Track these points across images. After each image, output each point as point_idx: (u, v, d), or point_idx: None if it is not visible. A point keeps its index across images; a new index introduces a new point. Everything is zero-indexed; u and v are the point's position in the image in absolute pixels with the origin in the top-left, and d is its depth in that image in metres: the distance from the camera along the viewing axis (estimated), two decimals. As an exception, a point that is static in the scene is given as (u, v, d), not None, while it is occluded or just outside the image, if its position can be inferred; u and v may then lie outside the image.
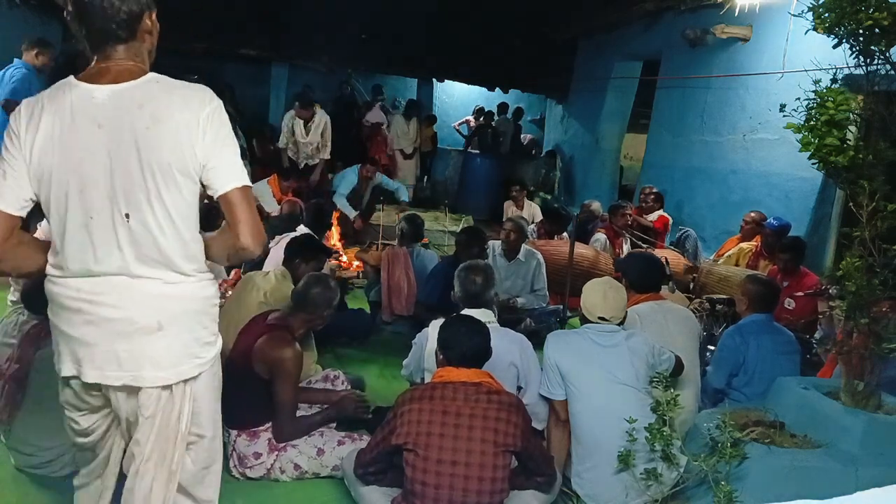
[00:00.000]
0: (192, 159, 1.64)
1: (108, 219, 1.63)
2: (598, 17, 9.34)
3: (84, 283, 1.66)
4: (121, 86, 1.63)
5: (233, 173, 1.68)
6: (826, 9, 2.68)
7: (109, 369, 1.67)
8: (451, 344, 2.59)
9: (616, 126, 9.86)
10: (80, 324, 1.67)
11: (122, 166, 1.61)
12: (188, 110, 1.64)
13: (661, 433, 2.55)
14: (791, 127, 2.88)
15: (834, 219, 5.75)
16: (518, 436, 2.39)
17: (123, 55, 1.67)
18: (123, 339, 1.66)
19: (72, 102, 1.63)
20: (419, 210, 8.23)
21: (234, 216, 1.68)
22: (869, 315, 2.67)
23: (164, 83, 1.67)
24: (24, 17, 6.98)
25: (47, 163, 1.63)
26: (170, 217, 1.65)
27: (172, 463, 1.75)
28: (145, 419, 1.71)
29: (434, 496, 2.33)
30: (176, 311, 1.70)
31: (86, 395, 1.75)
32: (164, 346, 1.68)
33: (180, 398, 1.73)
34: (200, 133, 1.64)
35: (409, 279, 4.79)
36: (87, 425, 1.81)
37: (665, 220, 6.91)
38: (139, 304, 1.67)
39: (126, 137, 1.61)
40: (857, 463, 2.56)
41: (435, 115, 12.18)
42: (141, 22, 1.69)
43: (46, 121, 1.63)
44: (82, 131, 1.62)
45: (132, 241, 1.64)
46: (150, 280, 1.67)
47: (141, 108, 1.62)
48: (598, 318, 2.95)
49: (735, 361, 3.47)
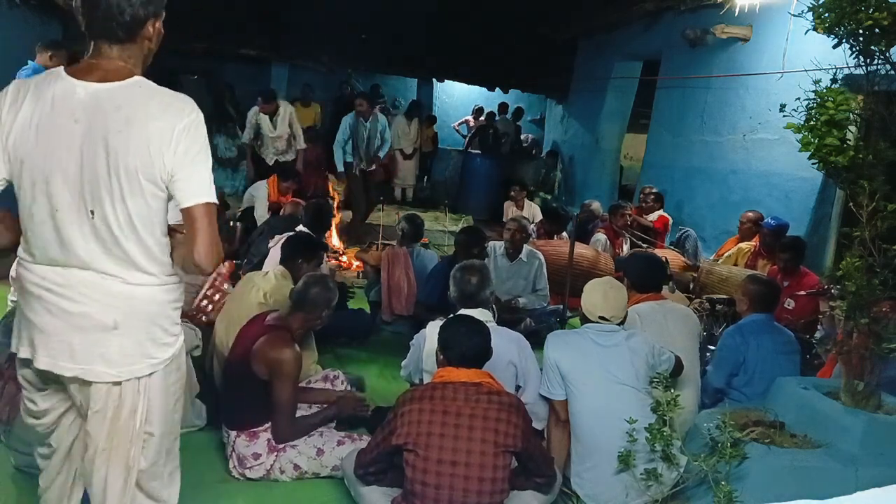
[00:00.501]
0: (160, 168, 1.64)
1: (74, 213, 1.64)
2: (598, 17, 9.34)
3: (49, 271, 1.68)
4: (104, 85, 1.64)
5: (200, 188, 1.67)
6: (826, 9, 2.68)
7: (62, 359, 1.69)
8: (451, 344, 2.59)
9: (616, 126, 9.85)
10: (40, 311, 1.69)
11: (91, 164, 1.62)
12: (163, 119, 1.63)
13: (661, 433, 2.55)
14: (791, 127, 2.88)
15: (834, 219, 5.75)
16: (518, 436, 2.38)
17: (116, 55, 1.68)
18: (79, 332, 1.68)
19: (54, 94, 1.64)
20: (419, 210, 8.25)
21: (193, 231, 1.67)
22: (869, 315, 2.66)
23: (146, 88, 1.67)
24: (24, 17, 6.97)
25: (22, 149, 1.65)
26: (130, 220, 1.65)
27: (129, 458, 1.76)
28: (94, 413, 1.73)
29: (434, 496, 2.33)
30: (134, 311, 1.71)
31: (42, 378, 1.78)
32: (117, 344, 1.69)
33: (132, 395, 1.73)
34: (173, 143, 1.63)
35: (409, 279, 4.79)
36: (44, 406, 1.83)
37: (665, 220, 6.91)
38: (99, 302, 1.68)
39: (98, 137, 1.61)
40: (857, 463, 2.56)
41: (435, 115, 12.18)
42: (143, 27, 1.69)
43: (27, 107, 1.64)
44: (59, 124, 1.63)
45: (97, 237, 1.65)
46: (113, 278, 1.68)
47: (118, 111, 1.62)
48: (599, 317, 2.95)
49: (735, 361, 3.47)
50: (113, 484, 1.76)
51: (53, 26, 7.65)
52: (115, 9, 1.62)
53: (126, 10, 1.63)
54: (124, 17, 1.63)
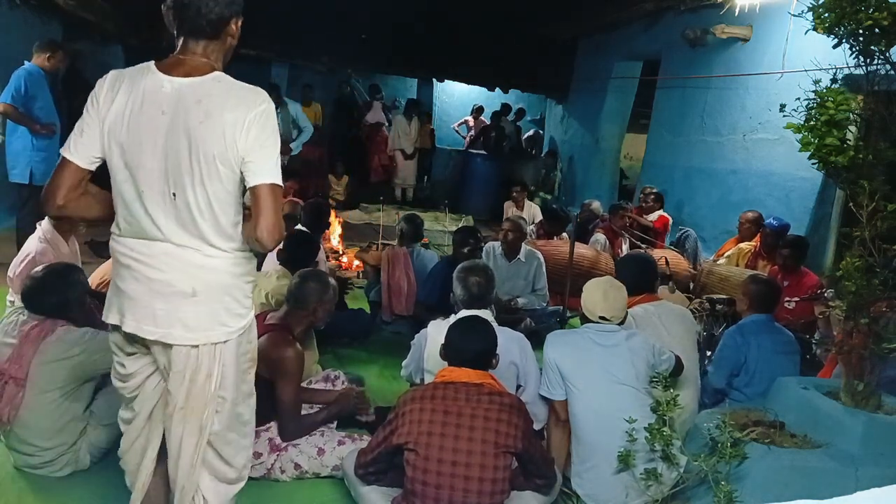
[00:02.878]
0: (234, 153, 1.81)
1: (158, 194, 1.83)
2: (598, 17, 9.34)
3: (136, 243, 1.88)
4: (188, 80, 1.82)
5: (266, 170, 1.84)
6: (826, 9, 2.68)
7: (146, 323, 1.87)
8: (454, 344, 2.59)
9: (616, 126, 9.85)
10: (129, 279, 1.88)
11: (174, 152, 1.80)
12: (237, 110, 1.81)
13: (661, 433, 2.55)
14: (791, 127, 2.88)
15: (834, 219, 5.75)
16: (519, 437, 2.39)
17: (201, 51, 1.86)
18: (161, 298, 1.86)
19: (145, 87, 1.82)
20: (419, 210, 8.25)
21: (257, 209, 1.83)
22: (869, 315, 2.67)
23: (224, 82, 1.85)
24: (23, 17, 6.97)
25: (115, 135, 1.82)
26: (209, 202, 1.83)
27: (203, 419, 1.93)
28: (175, 373, 1.90)
29: (434, 496, 2.33)
30: (210, 280, 1.88)
31: (130, 342, 1.95)
32: (195, 310, 1.87)
33: (208, 359, 1.90)
34: (245, 130, 1.80)
35: (409, 279, 4.79)
36: (132, 369, 1.99)
37: (665, 220, 6.92)
38: (179, 271, 1.86)
39: (182, 128, 1.79)
40: (857, 463, 2.56)
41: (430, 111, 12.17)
42: (227, 25, 1.88)
43: (121, 98, 1.82)
44: (148, 115, 1.81)
45: (177, 216, 1.83)
46: (190, 250, 1.86)
47: (198, 104, 1.80)
48: (599, 317, 2.95)
49: (736, 361, 3.47)
50: (187, 441, 1.93)
51: (53, 26, 7.65)
52: (205, 8, 1.80)
53: (214, 10, 1.81)
54: (212, 15, 1.82)
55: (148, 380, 2.01)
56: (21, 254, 3.69)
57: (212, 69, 1.85)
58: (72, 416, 2.74)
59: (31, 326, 2.72)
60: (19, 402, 2.67)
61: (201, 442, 1.95)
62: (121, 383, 2.03)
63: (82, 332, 2.76)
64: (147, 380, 2.01)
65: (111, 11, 8.28)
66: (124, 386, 2.02)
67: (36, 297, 2.80)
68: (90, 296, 3.13)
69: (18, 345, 2.69)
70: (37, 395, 2.66)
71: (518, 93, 12.84)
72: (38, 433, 2.69)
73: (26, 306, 2.82)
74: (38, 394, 2.66)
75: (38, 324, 2.73)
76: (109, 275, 3.54)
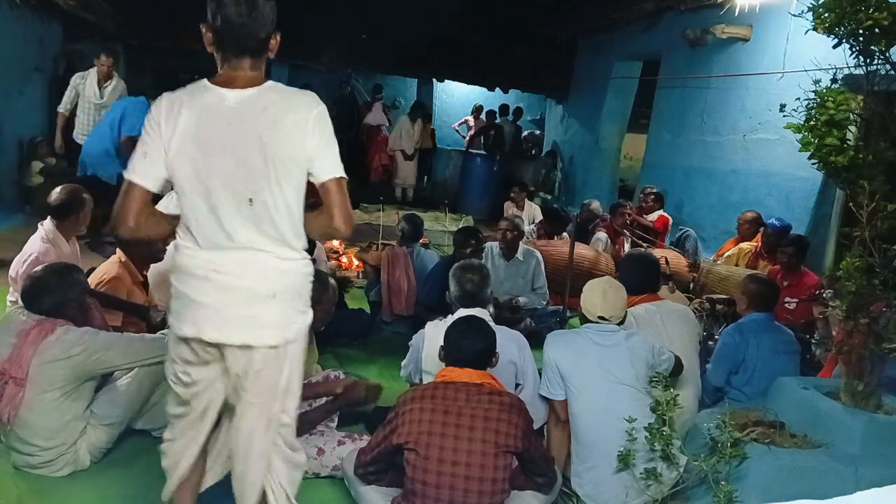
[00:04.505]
0: (301, 152, 1.93)
1: (234, 203, 1.91)
2: (598, 17, 9.33)
3: (215, 255, 1.94)
4: (247, 91, 1.93)
5: (333, 165, 1.98)
6: (826, 9, 2.68)
7: (228, 330, 1.94)
8: (453, 344, 2.59)
9: (616, 126, 9.85)
10: (208, 290, 1.94)
11: (246, 160, 1.90)
12: (300, 112, 1.94)
13: (660, 433, 2.55)
14: (791, 127, 2.88)
15: (834, 219, 5.74)
16: (519, 437, 2.38)
17: (249, 65, 1.97)
18: (244, 304, 1.94)
19: (208, 103, 1.91)
20: (419, 210, 8.25)
21: (330, 202, 1.97)
22: (869, 315, 2.67)
23: (280, 90, 1.98)
24: (24, 17, 6.98)
25: (184, 153, 1.90)
26: (285, 200, 1.93)
27: (273, 412, 2.03)
28: (256, 373, 1.98)
29: (434, 496, 2.33)
30: (286, 282, 1.99)
31: (203, 352, 2.01)
32: (274, 311, 1.97)
33: (281, 357, 2.00)
34: (310, 131, 1.94)
35: (409, 279, 4.79)
36: (198, 377, 2.05)
37: (665, 220, 6.91)
38: (259, 276, 1.95)
39: (251, 134, 1.90)
40: (857, 463, 2.56)
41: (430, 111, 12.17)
42: (269, 42, 1.99)
43: (185, 116, 1.90)
44: (215, 128, 1.90)
45: (254, 221, 1.92)
46: (268, 254, 1.95)
47: (264, 111, 1.91)
48: (598, 317, 2.95)
49: (735, 359, 3.47)
50: (259, 436, 2.03)
51: (53, 26, 7.66)
52: (253, 30, 1.93)
53: (261, 31, 1.94)
54: (261, 34, 1.94)
55: (210, 385, 2.07)
56: (23, 253, 3.69)
57: (263, 80, 1.97)
58: (72, 416, 2.74)
59: (31, 326, 2.72)
60: (19, 401, 2.67)
61: (271, 435, 2.05)
62: (183, 389, 2.08)
63: (82, 332, 2.75)
64: (209, 386, 2.07)
65: (111, 11, 8.28)
66: (187, 392, 2.08)
67: (36, 297, 2.80)
68: (90, 295, 3.13)
69: (18, 345, 2.68)
70: (37, 395, 2.66)
71: (518, 93, 12.85)
72: (38, 433, 2.69)
73: (26, 306, 2.82)
74: (38, 393, 2.66)
75: (38, 323, 2.72)
76: (109, 274, 3.59)
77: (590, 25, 9.89)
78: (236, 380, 2.02)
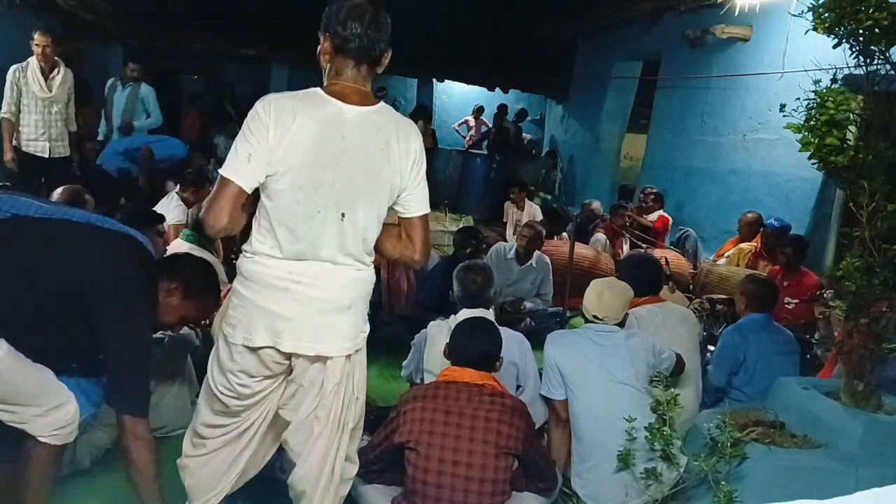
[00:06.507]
0: (400, 180, 1.99)
1: (330, 216, 1.92)
2: (598, 17, 9.34)
3: (297, 265, 1.93)
4: (364, 109, 1.94)
5: (424, 202, 2.06)
6: (826, 9, 2.68)
7: (306, 340, 1.94)
8: (459, 343, 2.60)
9: (616, 126, 9.85)
10: (286, 300, 1.92)
11: (350, 175, 1.91)
12: (409, 141, 1.99)
13: (660, 433, 2.55)
14: (791, 127, 2.88)
15: (834, 219, 5.75)
16: (520, 439, 2.38)
17: (362, 79, 1.97)
18: (322, 315, 1.95)
19: (326, 114, 1.90)
20: (419, 210, 8.22)
21: (417, 235, 2.06)
22: (869, 315, 2.66)
23: (392, 114, 2.01)
24: (24, 17, 6.97)
25: (292, 158, 1.88)
26: (373, 220, 1.98)
27: (342, 420, 2.04)
28: (334, 385, 1.99)
29: (435, 496, 2.33)
30: (360, 293, 2.03)
31: (273, 362, 1.99)
32: (349, 321, 2.00)
33: (352, 365, 2.04)
34: (411, 163, 1.99)
35: (409, 279, 4.79)
36: (257, 389, 2.04)
37: (665, 220, 6.92)
38: (339, 287, 1.97)
39: (362, 153, 1.91)
40: (857, 463, 2.56)
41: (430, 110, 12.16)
42: (384, 55, 1.99)
43: (300, 122, 1.87)
44: (330, 139, 1.89)
45: (340, 236, 1.94)
46: (347, 267, 1.98)
47: (378, 132, 1.94)
48: (594, 316, 2.96)
49: (735, 359, 3.47)
50: (332, 449, 2.04)
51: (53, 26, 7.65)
52: (377, 41, 1.93)
53: (378, 45, 1.94)
54: (382, 46, 1.95)
55: (266, 398, 2.07)
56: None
57: (377, 99, 1.99)
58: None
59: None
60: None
61: (343, 446, 2.06)
62: (235, 401, 2.04)
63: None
64: (265, 398, 2.06)
65: (111, 11, 8.28)
66: (240, 403, 2.05)
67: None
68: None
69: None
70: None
71: (518, 93, 12.84)
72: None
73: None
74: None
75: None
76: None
77: (590, 25, 9.89)
78: (299, 392, 2.01)
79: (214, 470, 2.09)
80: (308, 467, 2.04)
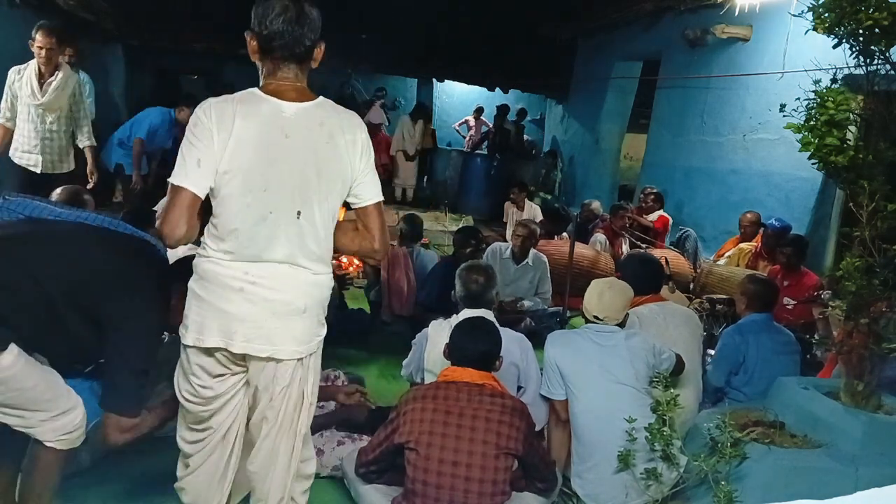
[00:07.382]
0: (350, 171, 1.98)
1: (284, 215, 1.90)
2: (598, 17, 9.33)
3: (252, 266, 1.91)
4: (303, 105, 1.93)
5: (375, 190, 2.05)
6: (826, 9, 2.68)
7: (258, 342, 1.92)
8: (458, 343, 2.60)
9: (616, 126, 9.85)
10: (239, 301, 1.90)
11: (300, 172, 1.90)
12: (352, 132, 1.98)
13: (661, 433, 2.55)
14: (791, 127, 2.88)
15: (834, 219, 5.75)
16: (520, 440, 2.38)
17: (293, 76, 1.95)
18: (276, 317, 1.92)
19: (265, 113, 1.88)
20: (419, 210, 8.24)
21: (371, 225, 2.03)
22: (869, 315, 2.67)
23: (332, 107, 2.00)
24: (23, 17, 6.97)
25: (238, 161, 1.86)
26: (327, 216, 1.97)
27: (298, 425, 2.03)
28: (283, 388, 1.97)
29: (435, 496, 2.33)
30: (317, 297, 2.00)
31: (229, 363, 1.98)
32: (303, 325, 1.97)
33: (305, 369, 2.01)
34: (359, 153, 1.99)
35: (409, 279, 4.79)
36: (219, 391, 2.01)
37: (665, 220, 6.92)
38: (295, 289, 1.94)
39: (309, 149, 1.90)
40: (857, 463, 2.56)
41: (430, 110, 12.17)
42: (314, 50, 1.97)
43: (239, 125, 1.86)
44: (273, 139, 1.88)
45: (299, 235, 1.92)
46: (305, 270, 1.96)
47: (321, 126, 1.93)
48: (594, 316, 2.96)
49: (735, 360, 3.47)
50: (285, 450, 2.03)
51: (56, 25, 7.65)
52: (301, 37, 1.90)
53: (307, 39, 1.92)
54: (307, 42, 1.92)
55: (231, 399, 2.04)
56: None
57: (314, 94, 1.98)
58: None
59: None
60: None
61: (297, 446, 2.05)
62: (200, 407, 2.02)
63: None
64: (229, 401, 2.04)
65: (111, 11, 8.28)
66: (204, 408, 2.02)
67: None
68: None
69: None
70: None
71: (518, 93, 12.84)
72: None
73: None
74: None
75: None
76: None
77: (590, 25, 9.89)
78: (257, 393, 2.00)
79: (207, 483, 2.08)
80: (255, 467, 2.04)
